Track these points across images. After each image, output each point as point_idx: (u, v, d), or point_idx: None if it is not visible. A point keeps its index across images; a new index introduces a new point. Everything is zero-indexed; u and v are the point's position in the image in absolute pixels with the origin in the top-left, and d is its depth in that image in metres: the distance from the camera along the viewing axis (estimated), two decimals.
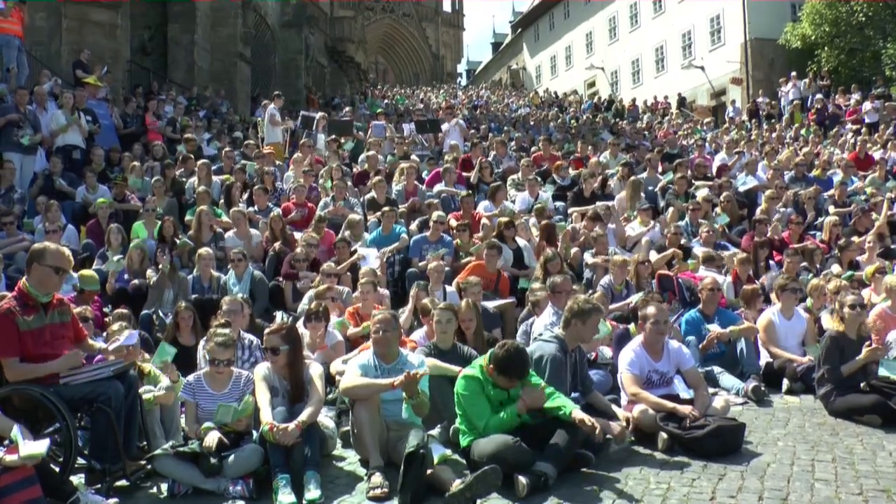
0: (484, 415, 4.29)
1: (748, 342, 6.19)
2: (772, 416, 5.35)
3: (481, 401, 4.32)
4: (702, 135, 19.49)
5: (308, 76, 26.57)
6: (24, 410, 4.05)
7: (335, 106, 22.84)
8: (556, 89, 37.61)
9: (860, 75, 23.60)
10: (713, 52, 29.15)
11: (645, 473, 4.22)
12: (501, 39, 64.44)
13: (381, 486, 3.95)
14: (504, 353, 4.32)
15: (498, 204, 9.84)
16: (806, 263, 8.43)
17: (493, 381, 4.36)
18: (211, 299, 7.05)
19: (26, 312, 4.08)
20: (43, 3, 14.91)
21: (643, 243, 8.86)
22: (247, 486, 4.05)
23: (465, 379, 4.40)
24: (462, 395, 4.36)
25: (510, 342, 4.51)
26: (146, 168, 11.08)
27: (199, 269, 7.68)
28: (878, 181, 11.59)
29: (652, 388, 4.96)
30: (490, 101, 32.37)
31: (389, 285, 8.10)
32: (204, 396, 4.60)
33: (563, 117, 23.82)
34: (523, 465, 4.00)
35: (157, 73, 19.12)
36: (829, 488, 3.96)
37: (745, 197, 10.96)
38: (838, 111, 20.59)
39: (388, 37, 63.69)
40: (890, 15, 23.24)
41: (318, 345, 5.93)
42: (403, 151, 13.27)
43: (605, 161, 12.80)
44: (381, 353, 4.63)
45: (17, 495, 3.41)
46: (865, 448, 4.63)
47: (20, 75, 12.18)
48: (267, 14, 25.16)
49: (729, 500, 3.82)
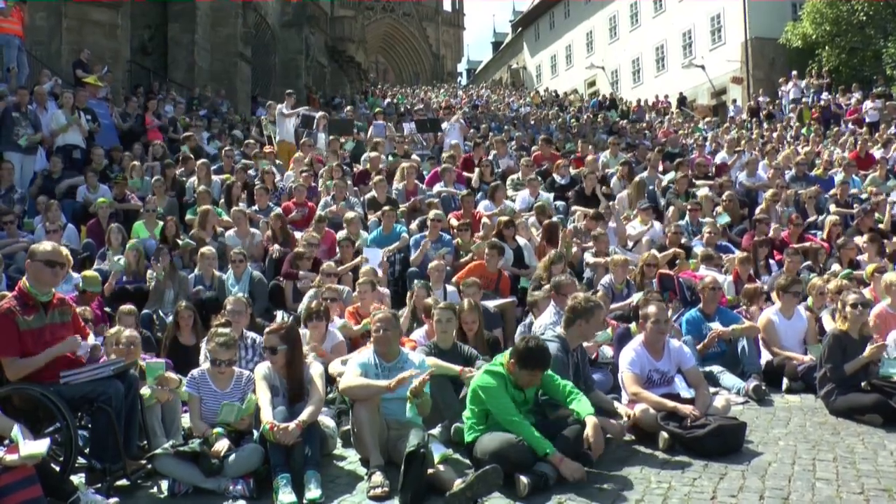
0: (511, 409, 4.22)
1: (749, 341, 6.18)
2: (773, 416, 5.34)
3: (506, 396, 4.29)
4: (702, 134, 19.48)
5: (308, 76, 26.56)
6: (24, 410, 4.05)
7: (335, 105, 22.83)
8: (556, 89, 37.60)
9: (861, 74, 23.59)
10: (713, 52, 29.15)
11: (646, 473, 4.21)
12: (502, 39, 64.43)
13: (382, 486, 3.95)
14: (525, 347, 4.30)
15: (498, 203, 9.84)
16: (809, 263, 8.43)
17: (514, 378, 4.33)
18: (211, 298, 7.06)
19: (26, 312, 4.08)
20: (43, 3, 14.92)
21: (644, 242, 8.86)
22: (247, 485, 4.05)
23: (489, 374, 4.34)
24: (486, 388, 4.28)
25: (531, 337, 4.51)
26: (146, 168, 11.08)
27: (201, 267, 7.68)
28: (879, 180, 11.58)
29: (653, 387, 4.95)
30: (490, 100, 32.36)
31: (390, 284, 8.10)
32: (207, 392, 4.62)
33: (563, 116, 23.82)
34: (525, 465, 4.00)
35: (157, 73, 19.13)
36: (831, 487, 3.95)
37: (745, 196, 10.96)
38: (839, 110, 20.60)
39: (389, 36, 63.72)
40: (891, 14, 23.24)
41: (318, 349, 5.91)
42: (404, 151, 13.26)
43: (605, 160, 12.80)
44: (382, 351, 4.63)
45: (17, 495, 3.41)
46: (867, 447, 4.62)
47: (20, 75, 12.19)
48: (267, 14, 25.15)
49: (730, 500, 3.82)
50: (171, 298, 7.28)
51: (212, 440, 4.23)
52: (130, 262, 7.67)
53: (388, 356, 4.63)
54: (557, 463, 4.00)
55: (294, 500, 3.83)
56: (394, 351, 4.67)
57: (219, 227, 9.00)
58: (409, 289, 7.27)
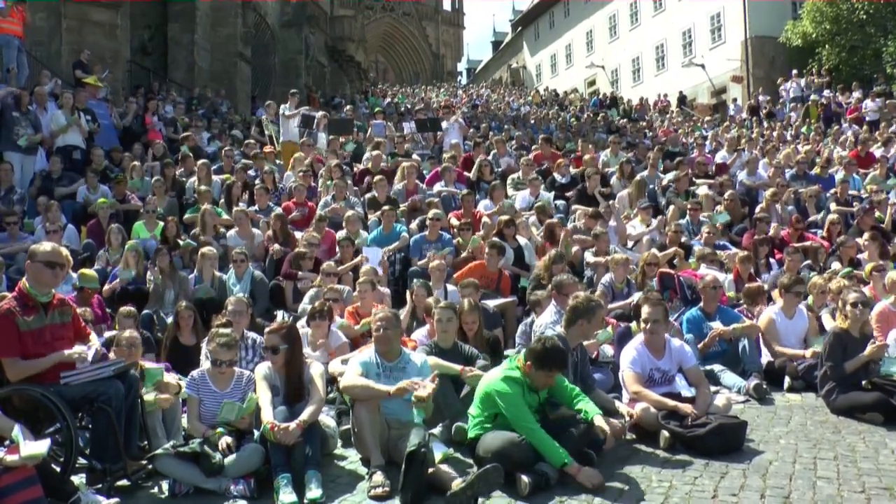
0: (528, 417, 4.18)
1: (750, 340, 6.17)
2: (773, 414, 5.34)
3: (523, 403, 4.26)
4: (702, 133, 19.47)
5: (308, 76, 26.55)
6: (24, 410, 4.05)
7: (335, 105, 22.82)
8: (556, 88, 37.59)
9: (861, 73, 23.57)
10: (714, 50, 29.14)
11: (647, 472, 4.21)
12: (502, 38, 64.42)
13: (383, 485, 3.95)
14: (543, 348, 4.29)
15: (497, 202, 9.84)
16: (809, 262, 8.42)
17: (531, 380, 4.32)
18: (212, 298, 7.05)
19: (26, 313, 4.08)
20: (43, 3, 14.91)
21: (644, 242, 8.86)
22: (248, 485, 4.05)
23: (507, 381, 4.29)
24: (503, 395, 4.24)
25: (545, 337, 4.50)
26: (146, 168, 11.08)
27: (201, 268, 7.67)
28: (879, 179, 11.57)
29: (653, 386, 4.95)
30: (490, 99, 32.34)
31: (390, 284, 8.10)
32: (207, 393, 4.62)
33: (563, 116, 23.80)
34: (526, 464, 3.99)
35: (157, 73, 19.13)
36: (832, 486, 3.95)
37: (746, 195, 10.95)
38: (839, 109, 20.58)
39: (389, 36, 63.68)
40: (891, 12, 23.20)
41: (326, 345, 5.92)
42: (404, 150, 13.25)
43: (605, 159, 12.80)
44: (383, 351, 4.63)
45: (17, 495, 3.41)
46: (867, 446, 4.62)
47: (20, 75, 12.18)
48: (267, 14, 25.15)
49: (731, 499, 3.81)
50: (171, 299, 7.28)
51: (214, 439, 4.23)
52: (130, 264, 7.66)
53: (390, 356, 4.63)
54: (575, 473, 3.96)
55: (295, 499, 3.83)
56: (395, 350, 4.66)
57: (221, 228, 9.00)
58: (409, 288, 7.27)
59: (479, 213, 9.51)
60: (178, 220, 9.18)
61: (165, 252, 7.71)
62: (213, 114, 16.98)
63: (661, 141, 16.75)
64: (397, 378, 4.42)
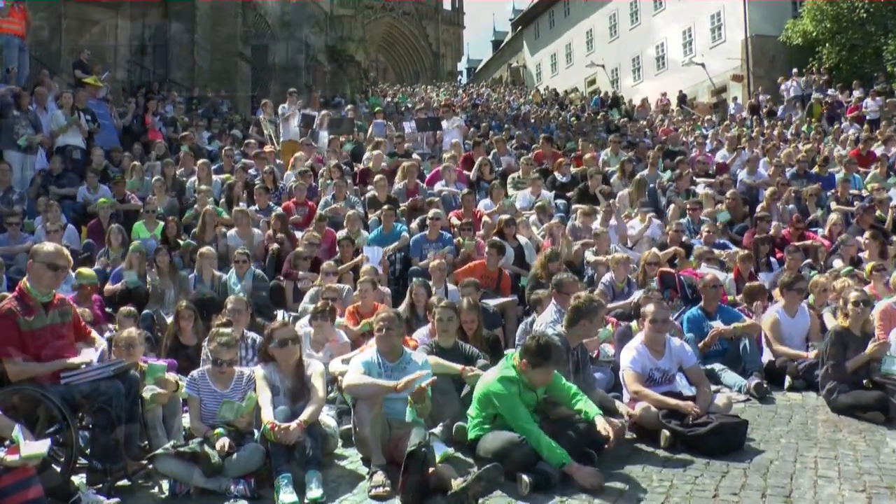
0: (526, 417, 4.19)
1: (750, 339, 6.17)
2: (774, 413, 5.34)
3: (520, 404, 4.26)
4: (702, 132, 19.46)
5: (308, 75, 26.53)
6: (25, 410, 4.05)
7: (335, 105, 22.80)
8: (556, 87, 37.57)
9: (861, 71, 23.54)
10: (714, 49, 29.10)
11: (647, 471, 4.21)
12: (502, 37, 64.34)
13: (383, 485, 3.95)
14: (536, 344, 4.29)
15: (497, 201, 9.84)
16: (810, 260, 8.42)
17: (528, 378, 4.32)
18: (212, 298, 7.05)
19: (27, 313, 4.07)
20: (43, 3, 14.92)
21: (644, 241, 8.85)
22: (248, 485, 4.04)
23: (503, 381, 4.30)
24: (499, 396, 4.25)
25: (539, 333, 4.49)
26: (146, 168, 11.07)
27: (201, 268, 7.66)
28: (880, 177, 11.57)
29: (654, 385, 4.95)
30: (490, 98, 32.33)
31: (390, 283, 8.10)
32: (207, 393, 4.61)
33: (563, 115, 23.78)
34: (527, 464, 3.99)
35: (157, 73, 19.12)
36: (833, 485, 3.95)
37: (746, 194, 10.94)
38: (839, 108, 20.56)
39: (389, 35, 63.64)
40: (891, 11, 23.17)
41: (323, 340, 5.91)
42: (405, 150, 13.25)
43: (605, 158, 12.79)
44: (385, 350, 4.62)
45: (18, 495, 3.40)
46: (868, 445, 4.62)
47: (20, 75, 12.18)
48: (267, 13, 25.14)
49: (732, 498, 3.81)
50: (171, 299, 7.28)
51: (213, 440, 4.22)
52: (133, 265, 7.66)
53: (392, 355, 4.62)
54: (573, 472, 3.96)
55: (295, 499, 3.82)
56: (397, 350, 4.66)
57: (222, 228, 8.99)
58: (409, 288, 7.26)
59: (480, 212, 9.51)
60: (178, 219, 9.17)
61: (165, 252, 7.70)
62: (213, 113, 16.98)
63: (662, 140, 16.74)
64: (399, 378, 4.40)
